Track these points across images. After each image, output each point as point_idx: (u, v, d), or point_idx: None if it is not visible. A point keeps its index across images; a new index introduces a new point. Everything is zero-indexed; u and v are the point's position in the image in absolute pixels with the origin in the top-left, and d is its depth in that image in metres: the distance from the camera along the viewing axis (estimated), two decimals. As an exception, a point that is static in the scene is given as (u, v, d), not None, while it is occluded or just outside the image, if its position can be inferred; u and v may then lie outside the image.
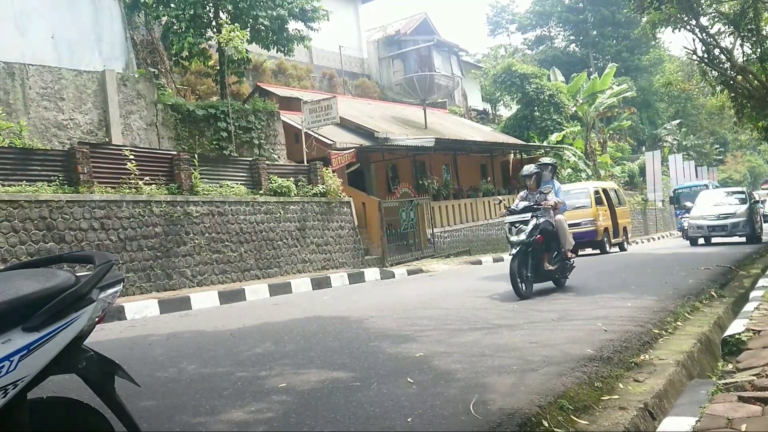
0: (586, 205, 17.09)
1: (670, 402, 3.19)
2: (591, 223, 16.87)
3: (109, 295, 1.70)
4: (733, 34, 15.09)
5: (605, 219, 17.60)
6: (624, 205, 20.14)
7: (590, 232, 16.77)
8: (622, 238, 18.74)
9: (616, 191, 20.07)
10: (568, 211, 12.79)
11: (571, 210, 13.92)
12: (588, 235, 16.66)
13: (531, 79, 29.59)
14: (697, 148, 48.69)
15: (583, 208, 16.92)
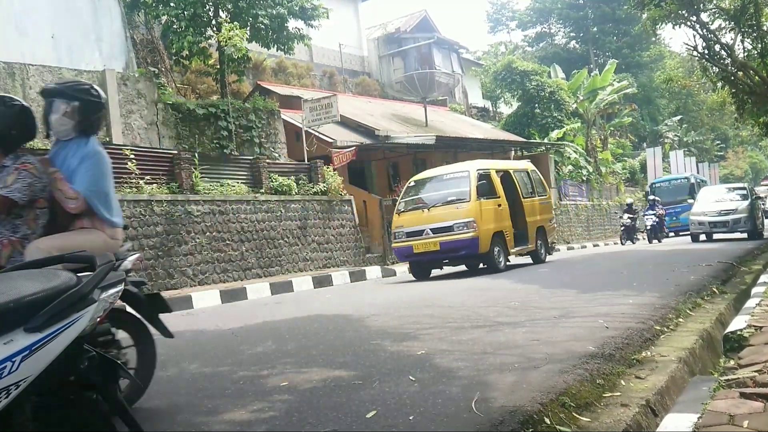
0: (463, 197, 11.08)
1: (671, 399, 3.19)
2: (467, 226, 10.71)
3: (111, 295, 1.70)
4: (734, 30, 15.06)
5: (498, 218, 11.38)
6: (544, 195, 13.82)
7: (466, 242, 10.68)
8: (534, 244, 12.51)
9: (529, 174, 13.62)
10: (432, 211, 11.14)
11: (440, 206, 11.17)
12: (463, 246, 10.74)
13: (531, 76, 29.56)
14: (698, 145, 48.63)
15: (459, 203, 11.08)
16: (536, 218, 12.82)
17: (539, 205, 13.26)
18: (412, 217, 11.37)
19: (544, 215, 13.32)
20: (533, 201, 13.05)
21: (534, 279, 9.14)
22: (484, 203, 11.14)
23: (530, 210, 12.72)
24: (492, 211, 11.34)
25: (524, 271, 10.94)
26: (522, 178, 13.19)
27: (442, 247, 10.84)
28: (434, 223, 10.95)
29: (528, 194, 13.01)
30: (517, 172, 13.24)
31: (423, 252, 11.05)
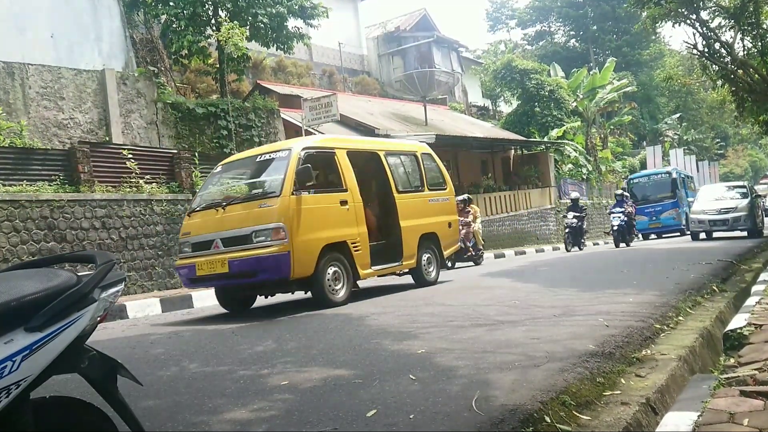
0: (273, 190, 7.30)
1: (672, 397, 3.20)
2: (270, 235, 6.95)
3: (111, 294, 1.70)
4: (734, 28, 15.06)
5: (337, 222, 7.69)
6: (440, 189, 9.83)
7: (268, 261, 6.85)
8: (416, 259, 8.84)
9: (418, 159, 9.60)
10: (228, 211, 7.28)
11: (239, 204, 7.39)
12: (263, 268, 6.91)
13: (531, 75, 29.56)
14: (698, 143, 48.64)
15: (265, 198, 7.27)
16: (420, 222, 8.93)
17: (428, 204, 9.35)
18: (203, 221, 7.52)
19: (439, 217, 9.46)
20: (417, 198, 9.16)
21: (535, 278, 9.14)
22: (307, 199, 7.21)
23: (409, 210, 8.78)
24: (323, 211, 7.47)
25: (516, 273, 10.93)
26: (402, 165, 9.35)
27: (232, 268, 6.95)
28: (226, 231, 7.17)
29: (409, 188, 9.21)
30: (392, 155, 9.17)
31: (208, 275, 7.20)
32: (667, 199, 22.99)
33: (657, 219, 22.83)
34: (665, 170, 25.50)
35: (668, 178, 23.74)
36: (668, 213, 22.83)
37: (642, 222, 22.19)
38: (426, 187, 9.50)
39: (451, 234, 9.90)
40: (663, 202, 22.94)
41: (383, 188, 8.93)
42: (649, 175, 24.81)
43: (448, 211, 9.93)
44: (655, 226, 22.95)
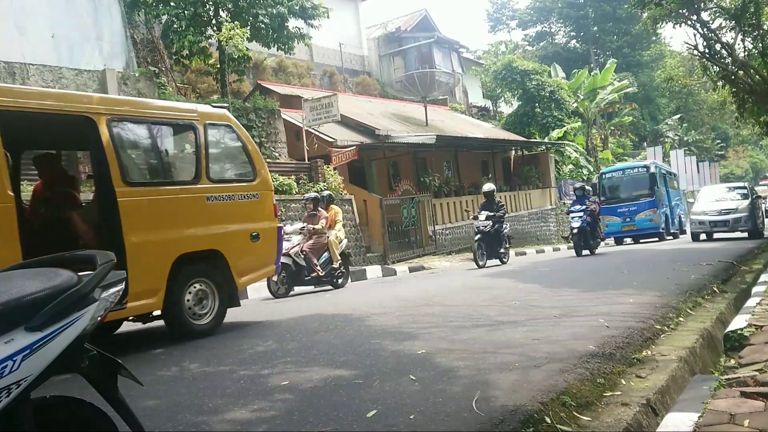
0: None
1: (672, 398, 3.19)
2: None
3: (111, 294, 1.70)
4: (735, 29, 15.05)
5: None
6: (245, 180, 6.83)
7: None
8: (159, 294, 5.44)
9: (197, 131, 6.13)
10: None
11: None
12: None
13: (532, 76, 29.55)
14: (698, 144, 48.63)
15: None
16: (177, 235, 5.71)
17: (206, 204, 6.03)
18: None
19: (231, 225, 6.25)
20: (177, 194, 5.85)
21: (535, 278, 9.14)
22: None
23: (149, 215, 5.58)
24: None
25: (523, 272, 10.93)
26: (152, 140, 6.00)
27: None
28: None
29: (158, 177, 6.05)
30: (128, 120, 5.73)
31: None
32: (644, 197, 20.06)
33: (631, 220, 19.85)
34: (642, 164, 21.97)
35: (645, 174, 20.54)
36: (644, 214, 19.89)
37: (614, 224, 19.98)
38: (204, 178, 6.07)
39: (257, 251, 6.52)
40: (639, 200, 20.02)
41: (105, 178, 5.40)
42: (624, 170, 21.59)
43: (256, 214, 6.63)
44: (629, 228, 20.04)
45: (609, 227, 19.57)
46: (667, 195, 21.45)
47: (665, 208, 20.67)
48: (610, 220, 19.59)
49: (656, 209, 19.90)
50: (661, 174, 21.52)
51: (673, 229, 21.48)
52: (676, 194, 24.00)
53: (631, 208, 20.00)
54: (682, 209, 24.16)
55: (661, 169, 22.48)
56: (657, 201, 20.04)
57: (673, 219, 21.68)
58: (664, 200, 20.97)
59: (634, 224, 19.84)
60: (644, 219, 19.80)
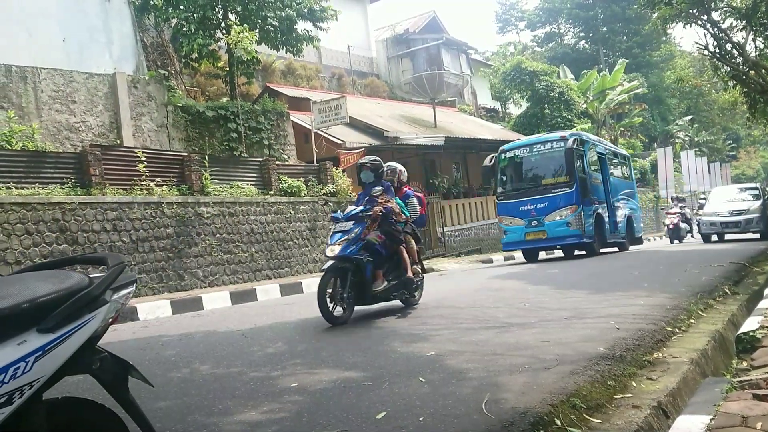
0: None
1: (683, 400, 3.17)
2: None
3: (122, 296, 1.71)
4: (745, 28, 14.95)
5: None
6: None
7: None
8: None
9: None
10: None
11: None
12: None
13: (541, 77, 29.49)
14: (709, 144, 48.30)
15: None
16: None
17: None
18: None
19: None
20: None
21: (544, 280, 9.11)
22: None
23: None
24: None
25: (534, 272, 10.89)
26: None
27: None
28: None
29: None
30: None
31: None
32: (559, 188, 13.54)
33: (539, 224, 13.59)
34: (558, 135, 14.57)
35: (560, 150, 13.69)
36: (558, 214, 13.35)
37: (515, 229, 13.92)
38: None
39: None
40: (550, 193, 13.65)
41: None
42: (532, 145, 14.53)
43: None
44: (537, 236, 13.68)
45: (507, 235, 14.16)
46: (605, 186, 15.08)
47: (598, 206, 14.26)
48: (509, 223, 14.07)
49: (577, 206, 13.32)
50: (588, 151, 14.40)
51: (614, 236, 15.09)
52: (626, 186, 17.16)
53: (538, 205, 13.65)
54: (635, 208, 17.47)
55: (593, 144, 15.23)
56: (578, 194, 13.39)
57: (614, 222, 15.13)
58: (596, 193, 14.40)
59: (544, 229, 13.54)
60: (558, 222, 13.42)
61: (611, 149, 17.29)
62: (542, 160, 14.23)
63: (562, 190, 13.54)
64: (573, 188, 13.41)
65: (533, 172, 14.38)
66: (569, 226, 13.36)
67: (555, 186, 13.68)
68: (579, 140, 13.99)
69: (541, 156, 14.24)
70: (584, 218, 13.47)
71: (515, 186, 14.39)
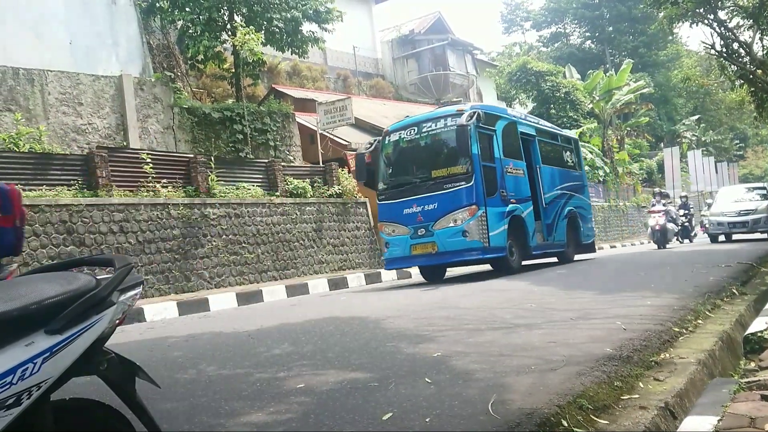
0: None
1: (691, 401, 3.16)
2: None
3: (129, 297, 1.72)
4: (752, 27, 14.88)
5: None
6: None
7: None
8: None
9: None
10: None
11: None
12: None
13: (546, 77, 29.45)
14: (716, 144, 48.11)
15: None
16: None
17: None
18: None
19: None
20: None
21: (550, 280, 9.09)
22: None
23: None
24: None
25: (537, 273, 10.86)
26: None
27: None
28: None
29: None
30: None
31: None
32: (452, 181, 10.09)
33: (427, 233, 10.12)
34: (453, 110, 10.78)
35: (452, 133, 10.05)
36: (452, 218, 9.94)
37: (398, 241, 10.36)
38: None
39: None
40: (442, 189, 10.13)
41: None
42: (420, 124, 10.77)
43: None
44: (424, 250, 10.19)
45: (390, 248, 10.54)
46: (532, 178, 11.63)
47: (516, 206, 10.69)
48: (392, 231, 10.46)
49: (477, 207, 9.79)
50: (509, 131, 11.19)
51: (547, 245, 11.82)
52: (568, 177, 13.39)
53: (426, 207, 10.11)
54: (583, 206, 13.86)
55: (511, 121, 11.52)
56: (479, 189, 9.88)
57: (547, 226, 11.79)
58: (515, 188, 10.87)
59: (433, 240, 10.02)
60: (450, 231, 9.86)
61: (545, 128, 13.44)
62: (433, 144, 10.62)
63: (457, 185, 9.89)
64: (471, 182, 9.81)
65: (422, 160, 10.74)
66: (466, 235, 9.73)
67: (448, 180, 10.05)
68: (482, 115, 10.33)
69: (432, 138, 10.58)
70: (490, 223, 9.86)
71: (400, 181, 10.74)
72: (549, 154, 13.00)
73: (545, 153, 12.66)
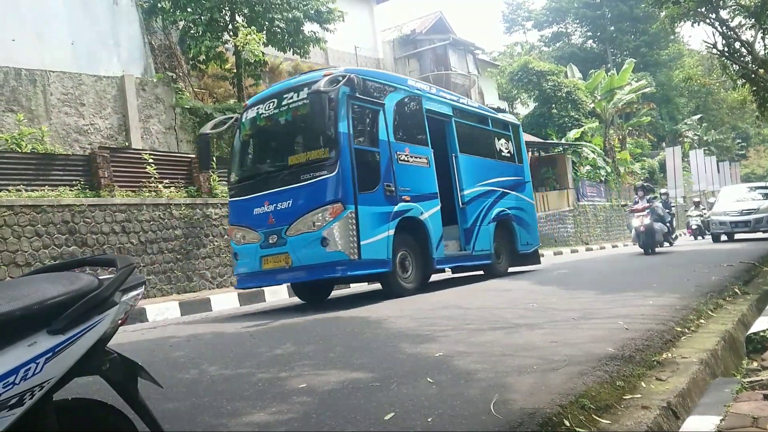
0: None
1: (693, 401, 3.15)
2: None
3: (131, 297, 1.72)
4: (754, 26, 14.85)
5: None
6: None
7: None
8: None
9: None
10: None
11: None
12: None
13: (548, 77, 29.41)
14: (718, 143, 48.06)
15: None
16: None
17: None
18: None
19: None
20: None
21: (552, 280, 9.08)
22: None
23: None
24: None
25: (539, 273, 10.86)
26: None
27: None
28: None
29: None
30: None
31: None
32: (311, 170, 7.49)
33: (280, 240, 7.56)
34: (319, 75, 7.68)
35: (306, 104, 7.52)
36: (307, 221, 7.33)
37: (247, 250, 7.91)
38: None
39: None
40: (299, 182, 7.54)
41: None
42: (281, 95, 8.08)
43: None
44: (276, 264, 7.62)
45: (240, 260, 8.03)
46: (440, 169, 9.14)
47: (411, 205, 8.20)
48: (242, 239, 8.01)
49: (343, 206, 7.30)
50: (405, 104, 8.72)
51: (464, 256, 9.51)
52: (501, 170, 10.83)
53: (279, 205, 7.66)
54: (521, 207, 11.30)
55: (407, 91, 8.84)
56: (345, 180, 7.37)
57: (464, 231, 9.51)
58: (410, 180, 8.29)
59: (286, 251, 7.52)
60: (305, 238, 7.40)
61: (469, 108, 10.61)
62: (294, 121, 8.09)
63: (317, 175, 7.32)
64: (335, 171, 7.22)
65: (279, 143, 8.57)
66: (325, 244, 7.21)
67: (306, 168, 7.48)
68: (360, 83, 7.67)
69: (293, 114, 7.93)
70: (362, 228, 7.30)
71: (253, 171, 8.39)
72: (473, 140, 10.34)
73: (467, 139, 10.07)
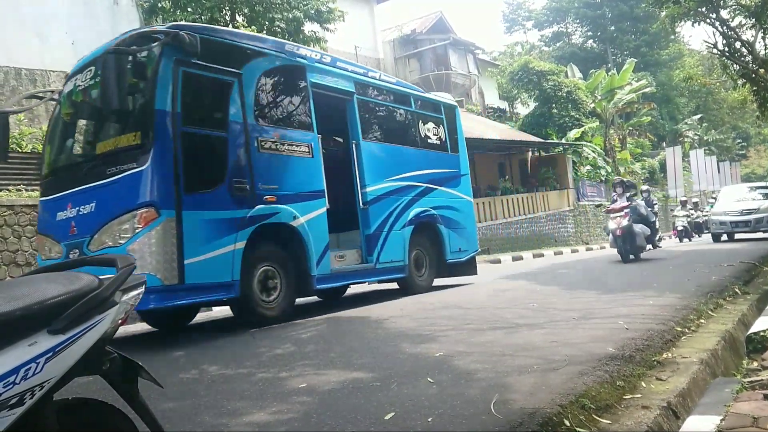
0: None
1: (693, 400, 3.15)
2: None
3: (132, 297, 1.72)
4: (755, 26, 14.85)
5: None
6: None
7: None
8: None
9: None
10: None
11: None
12: None
13: (548, 76, 29.39)
14: (718, 143, 48.05)
15: None
16: None
17: None
18: None
19: None
20: None
21: (552, 280, 9.08)
22: None
23: None
24: None
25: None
26: None
27: None
28: None
29: None
30: None
31: None
32: (121, 163, 5.40)
33: (81, 256, 5.25)
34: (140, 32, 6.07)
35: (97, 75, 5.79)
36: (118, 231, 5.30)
37: None
38: None
39: None
40: (104, 178, 5.51)
41: None
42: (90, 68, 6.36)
43: None
44: None
45: None
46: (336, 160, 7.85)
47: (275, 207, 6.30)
48: (48, 252, 6.06)
49: (157, 212, 5.25)
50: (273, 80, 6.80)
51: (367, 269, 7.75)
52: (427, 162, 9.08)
53: (81, 209, 5.69)
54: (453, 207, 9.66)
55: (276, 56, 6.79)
56: (161, 176, 5.32)
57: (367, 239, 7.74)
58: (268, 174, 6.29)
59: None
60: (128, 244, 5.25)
61: (379, 83, 8.61)
62: None
63: (125, 168, 5.48)
64: (147, 163, 5.38)
65: (90, 125, 6.85)
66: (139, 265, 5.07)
67: (113, 159, 5.66)
68: (194, 42, 5.75)
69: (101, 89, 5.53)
70: (188, 241, 5.48)
71: (63, 161, 6.66)
72: (385, 124, 8.63)
73: (377, 122, 8.41)
